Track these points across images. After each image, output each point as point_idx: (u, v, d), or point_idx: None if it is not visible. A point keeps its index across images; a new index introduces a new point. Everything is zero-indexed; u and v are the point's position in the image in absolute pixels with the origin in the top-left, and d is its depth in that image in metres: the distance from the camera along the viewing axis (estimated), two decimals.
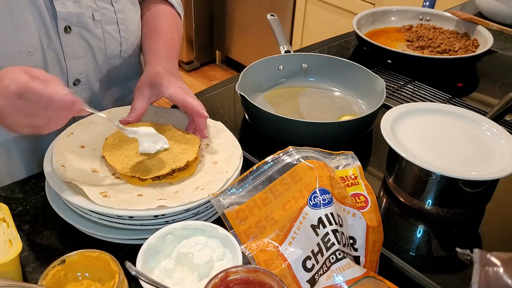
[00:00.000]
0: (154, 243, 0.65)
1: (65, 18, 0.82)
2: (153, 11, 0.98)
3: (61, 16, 0.81)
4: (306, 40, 2.67)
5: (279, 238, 0.64)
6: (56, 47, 0.83)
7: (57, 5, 0.81)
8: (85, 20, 0.85)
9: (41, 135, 0.83)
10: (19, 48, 0.78)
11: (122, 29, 0.91)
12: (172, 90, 0.80)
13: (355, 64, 1.06)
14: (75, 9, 0.83)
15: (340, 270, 0.59)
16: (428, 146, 0.77)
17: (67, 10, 0.81)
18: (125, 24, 0.91)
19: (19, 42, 0.78)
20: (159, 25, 0.96)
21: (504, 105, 0.93)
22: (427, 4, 1.53)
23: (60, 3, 0.81)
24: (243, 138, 0.95)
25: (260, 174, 0.69)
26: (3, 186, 0.83)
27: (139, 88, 0.83)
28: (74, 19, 0.83)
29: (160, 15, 0.98)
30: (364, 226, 0.66)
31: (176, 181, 0.76)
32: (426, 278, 0.68)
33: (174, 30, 0.98)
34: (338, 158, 0.73)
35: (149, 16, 0.98)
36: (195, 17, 3.10)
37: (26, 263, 0.70)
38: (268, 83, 1.09)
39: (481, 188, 0.76)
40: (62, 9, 0.81)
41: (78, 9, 0.83)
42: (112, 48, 0.91)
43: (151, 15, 0.98)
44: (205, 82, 3.21)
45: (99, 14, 0.86)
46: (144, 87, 0.83)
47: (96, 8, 0.86)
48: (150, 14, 0.98)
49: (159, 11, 0.99)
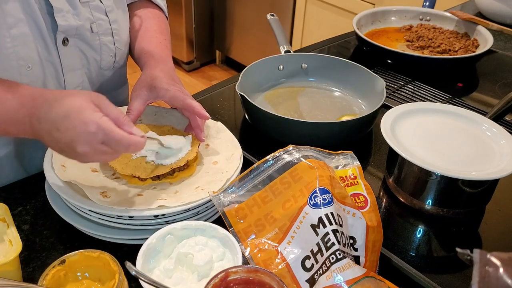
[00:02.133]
0: (154, 243, 0.65)
1: (65, 31, 0.81)
2: (140, 13, 0.98)
3: (61, 29, 0.80)
4: (306, 40, 2.67)
5: (278, 237, 0.64)
6: (55, 60, 0.82)
7: (58, 17, 0.79)
8: (84, 33, 0.84)
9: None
10: (17, 62, 0.76)
11: (117, 40, 0.90)
12: (172, 93, 0.80)
13: (355, 64, 1.06)
14: (75, 22, 0.81)
15: (340, 270, 0.59)
16: (428, 146, 0.77)
17: (67, 23, 0.80)
18: (119, 35, 0.90)
19: (18, 57, 0.76)
20: (149, 26, 0.96)
21: (504, 105, 0.93)
22: (427, 4, 1.53)
23: (61, 16, 0.79)
24: (243, 138, 0.95)
25: (261, 173, 0.69)
26: (3, 186, 0.83)
27: (137, 90, 0.83)
28: (73, 31, 0.82)
29: (148, 17, 0.98)
30: (364, 226, 0.66)
31: (176, 181, 0.76)
32: (426, 278, 0.68)
33: (163, 30, 0.98)
34: (338, 158, 0.73)
35: (138, 19, 0.97)
36: (195, 17, 3.10)
37: (26, 263, 0.70)
38: (268, 83, 1.09)
39: (481, 188, 0.76)
40: (63, 22, 0.80)
41: (78, 21, 0.82)
42: (107, 59, 0.90)
43: (139, 17, 0.98)
44: (205, 82, 3.21)
45: (96, 25, 0.85)
46: (142, 89, 0.82)
47: (93, 19, 0.85)
48: (138, 17, 0.98)
49: (146, 12, 0.99)
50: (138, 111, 0.82)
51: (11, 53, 0.75)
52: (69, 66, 0.85)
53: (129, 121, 0.66)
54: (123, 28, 0.92)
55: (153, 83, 0.82)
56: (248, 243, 0.65)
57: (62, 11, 0.79)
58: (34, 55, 0.78)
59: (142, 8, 0.99)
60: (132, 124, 0.67)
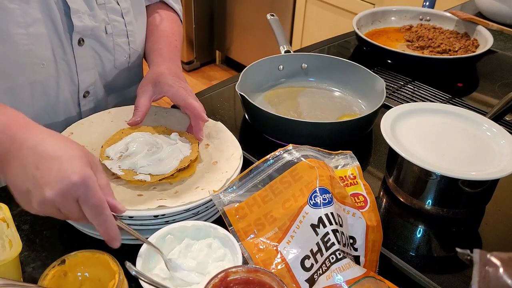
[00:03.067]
0: (154, 243, 0.65)
1: (80, 31, 0.82)
2: (156, 15, 1.00)
3: (77, 30, 0.81)
4: (306, 40, 2.67)
5: (277, 236, 0.64)
6: (69, 60, 0.84)
7: (74, 18, 0.80)
8: (99, 33, 0.85)
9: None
10: (32, 60, 0.78)
11: (132, 41, 0.92)
12: (175, 90, 0.82)
13: (355, 64, 1.06)
14: (91, 23, 0.83)
15: (340, 270, 0.59)
16: (428, 146, 0.77)
17: (83, 23, 0.82)
18: (134, 36, 0.92)
19: (32, 54, 0.77)
20: (161, 26, 0.98)
21: (504, 105, 0.93)
22: (427, 4, 1.54)
23: (77, 16, 0.81)
24: (243, 138, 0.95)
25: (261, 172, 0.69)
26: (3, 186, 0.83)
27: (143, 86, 0.84)
28: (89, 32, 0.83)
29: (162, 18, 1.00)
30: (364, 226, 0.66)
31: (176, 181, 0.76)
32: (426, 278, 0.68)
33: (176, 31, 1.00)
34: (337, 158, 0.73)
35: (152, 19, 1.00)
36: (195, 17, 3.10)
37: (26, 263, 0.70)
38: (268, 83, 1.09)
39: (481, 188, 0.76)
40: (79, 22, 0.81)
41: (94, 22, 0.83)
42: (121, 60, 0.92)
43: (154, 18, 1.00)
44: (205, 82, 3.21)
45: (110, 27, 0.87)
46: (147, 86, 0.84)
47: (108, 21, 0.86)
48: (153, 17, 1.00)
49: (162, 14, 1.01)
50: (146, 108, 0.83)
51: (27, 50, 0.77)
52: (83, 66, 0.86)
53: (113, 194, 0.61)
54: (139, 30, 0.94)
55: (158, 79, 0.83)
56: (247, 243, 0.65)
57: (79, 12, 0.81)
58: (49, 53, 0.80)
59: (159, 9, 1.02)
60: (115, 199, 0.61)
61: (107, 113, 0.88)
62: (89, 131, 0.84)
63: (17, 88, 0.79)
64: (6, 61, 0.76)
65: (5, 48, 0.75)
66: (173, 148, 0.78)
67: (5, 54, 0.75)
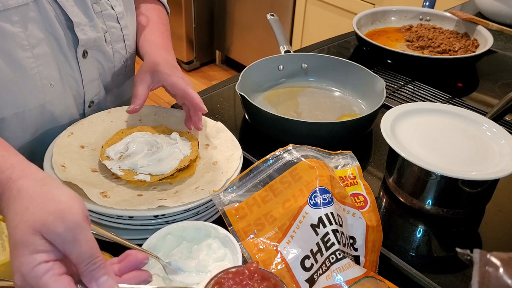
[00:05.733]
0: (154, 243, 0.65)
1: (85, 44, 0.81)
2: (142, 6, 1.01)
3: (81, 43, 0.81)
4: (306, 40, 2.67)
5: (277, 236, 0.64)
6: (75, 74, 0.83)
7: (78, 32, 0.80)
8: (100, 43, 0.85)
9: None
10: (41, 82, 0.77)
11: (128, 45, 0.92)
12: (174, 78, 0.82)
13: (355, 64, 1.06)
14: (93, 34, 0.82)
15: (340, 270, 0.59)
16: (428, 146, 0.77)
17: (87, 36, 0.81)
18: (130, 40, 0.92)
19: (41, 76, 0.76)
20: (150, 17, 0.98)
21: (504, 105, 0.93)
22: (427, 4, 1.53)
23: (80, 29, 0.80)
24: (243, 138, 0.95)
25: (261, 172, 0.69)
26: None
27: (140, 75, 0.84)
28: (92, 43, 0.83)
29: (149, 9, 1.01)
30: (364, 226, 0.66)
31: (176, 181, 0.76)
32: (426, 278, 0.68)
33: (164, 22, 1.01)
34: (337, 157, 0.73)
35: (139, 11, 0.99)
36: (195, 17, 3.10)
37: None
38: (268, 83, 1.09)
39: (481, 188, 0.76)
40: (83, 35, 0.80)
41: (95, 33, 0.83)
42: (120, 66, 0.92)
43: (141, 10, 1.00)
44: (205, 82, 3.21)
45: (109, 34, 0.87)
46: (145, 74, 0.84)
47: (106, 28, 0.86)
48: (141, 9, 1.00)
49: (149, 6, 1.01)
50: (144, 96, 0.83)
51: (35, 73, 0.76)
52: (88, 78, 0.85)
53: (104, 267, 0.48)
54: (132, 32, 0.94)
55: (156, 68, 0.84)
56: (247, 242, 0.65)
57: (81, 25, 0.80)
58: (55, 72, 0.79)
59: (145, 2, 1.02)
60: (105, 272, 0.47)
61: (107, 113, 0.88)
62: (89, 131, 0.83)
63: (27, 112, 0.78)
64: (17, 88, 0.75)
65: (14, 74, 0.74)
66: (173, 148, 0.78)
67: (15, 81, 0.74)
